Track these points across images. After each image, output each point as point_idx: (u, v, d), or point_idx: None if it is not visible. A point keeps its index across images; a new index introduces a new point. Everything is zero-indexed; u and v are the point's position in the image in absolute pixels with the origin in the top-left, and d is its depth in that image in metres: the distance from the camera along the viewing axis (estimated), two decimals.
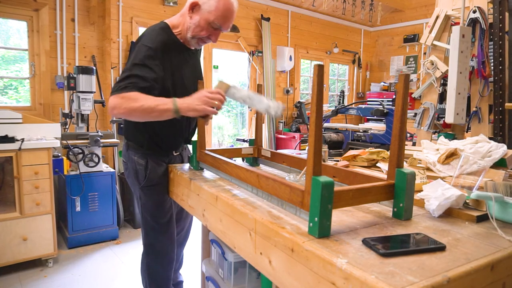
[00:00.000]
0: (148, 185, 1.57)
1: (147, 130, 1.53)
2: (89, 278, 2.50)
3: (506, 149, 1.30)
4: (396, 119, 0.89)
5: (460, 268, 0.66)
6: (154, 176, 1.57)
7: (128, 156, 1.60)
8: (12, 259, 2.47)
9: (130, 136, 1.60)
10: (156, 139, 1.56)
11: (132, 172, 1.59)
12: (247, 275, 1.50)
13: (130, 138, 1.60)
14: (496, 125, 2.01)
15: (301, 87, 5.75)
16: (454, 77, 1.93)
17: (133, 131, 1.58)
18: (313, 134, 0.76)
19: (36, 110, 3.41)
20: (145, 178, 1.56)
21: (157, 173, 1.57)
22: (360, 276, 0.63)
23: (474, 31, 2.03)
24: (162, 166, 1.59)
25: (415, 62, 5.82)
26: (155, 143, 1.56)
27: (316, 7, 5.31)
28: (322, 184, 0.75)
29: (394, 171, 0.91)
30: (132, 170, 1.58)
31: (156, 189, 1.59)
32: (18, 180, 2.46)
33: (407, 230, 0.85)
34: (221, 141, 5.42)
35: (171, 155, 1.64)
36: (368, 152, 1.56)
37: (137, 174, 1.57)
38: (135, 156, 1.57)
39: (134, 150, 1.57)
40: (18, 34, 3.44)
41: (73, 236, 2.94)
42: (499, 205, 0.91)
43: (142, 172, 1.56)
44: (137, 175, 1.57)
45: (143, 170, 1.56)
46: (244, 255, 1.02)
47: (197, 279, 2.14)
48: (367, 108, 2.53)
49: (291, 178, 1.20)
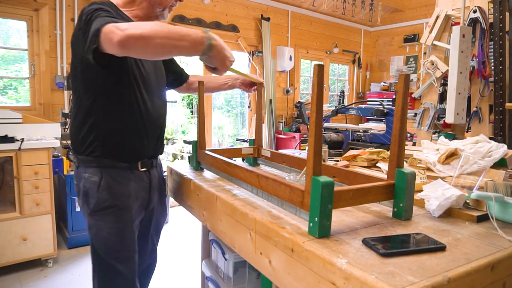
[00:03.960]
0: (100, 209, 1.20)
1: (101, 127, 1.18)
2: (89, 278, 2.49)
3: (507, 149, 1.29)
4: (396, 119, 0.89)
5: (460, 268, 0.66)
6: (109, 196, 1.20)
7: (78, 175, 1.24)
8: (12, 259, 2.47)
9: (78, 142, 1.22)
10: (113, 140, 1.21)
11: (82, 195, 1.22)
12: (247, 275, 1.49)
13: (79, 146, 1.22)
14: (497, 125, 2.01)
15: (301, 87, 5.74)
16: (454, 77, 1.93)
17: (81, 133, 1.20)
18: (313, 134, 0.76)
19: (36, 110, 3.41)
20: (96, 199, 1.20)
21: (114, 192, 1.20)
22: (360, 276, 0.63)
23: (474, 31, 2.03)
24: (121, 185, 1.23)
25: (415, 62, 5.82)
26: (112, 146, 1.21)
27: (316, 7, 5.30)
28: (322, 184, 0.75)
29: (394, 171, 0.91)
30: (82, 193, 1.22)
31: (111, 214, 1.21)
32: (18, 180, 2.46)
33: (407, 230, 0.84)
34: (221, 141, 5.42)
35: (136, 170, 1.27)
36: (368, 152, 1.56)
37: (86, 196, 1.21)
38: (86, 173, 1.21)
39: (85, 165, 1.22)
40: (18, 34, 3.44)
41: (73, 236, 2.94)
42: (500, 205, 0.91)
43: (93, 191, 1.20)
44: (86, 198, 1.21)
45: (95, 189, 1.19)
46: (244, 255, 1.02)
47: (197, 279, 2.14)
48: (367, 108, 2.53)
49: (291, 178, 1.20)
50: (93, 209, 1.21)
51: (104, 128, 1.19)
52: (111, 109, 1.19)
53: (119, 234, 1.23)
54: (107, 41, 0.95)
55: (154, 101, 1.31)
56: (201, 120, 1.45)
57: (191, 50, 1.02)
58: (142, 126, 1.25)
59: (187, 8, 4.30)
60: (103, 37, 0.95)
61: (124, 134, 1.22)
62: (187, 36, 0.98)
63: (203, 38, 1.01)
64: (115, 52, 0.96)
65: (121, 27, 0.92)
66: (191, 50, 1.02)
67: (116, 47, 0.93)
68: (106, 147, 1.20)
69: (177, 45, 0.98)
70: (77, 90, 1.20)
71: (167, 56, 1.07)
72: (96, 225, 1.23)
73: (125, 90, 1.20)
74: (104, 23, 0.96)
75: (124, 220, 1.24)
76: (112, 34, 0.92)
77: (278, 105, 5.31)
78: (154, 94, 1.32)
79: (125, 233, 1.25)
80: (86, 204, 1.22)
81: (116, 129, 1.20)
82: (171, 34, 0.96)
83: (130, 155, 1.26)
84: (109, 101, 1.18)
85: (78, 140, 1.22)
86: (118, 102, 1.19)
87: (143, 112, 1.24)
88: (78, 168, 1.24)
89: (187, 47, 1.00)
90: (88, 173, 1.21)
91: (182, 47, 0.99)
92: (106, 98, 1.18)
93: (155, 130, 1.32)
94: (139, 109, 1.23)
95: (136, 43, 0.93)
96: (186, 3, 4.32)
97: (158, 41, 0.95)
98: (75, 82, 1.21)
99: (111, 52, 0.97)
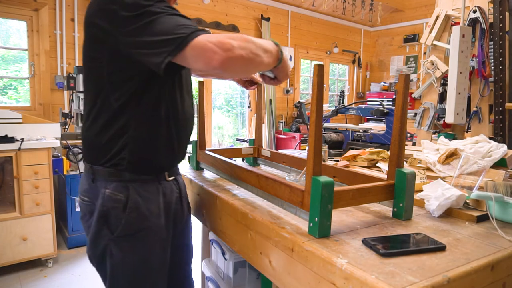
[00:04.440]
0: (127, 234, 0.98)
1: (132, 134, 0.97)
2: (89, 278, 2.50)
3: (506, 149, 1.30)
4: (396, 119, 0.89)
5: (460, 268, 0.66)
6: (138, 218, 0.99)
7: (94, 191, 1.00)
8: (12, 259, 2.47)
9: (99, 150, 0.99)
10: (144, 149, 1.00)
11: (99, 216, 0.98)
12: (247, 275, 1.49)
13: (99, 155, 0.99)
14: (496, 125, 2.01)
15: (301, 87, 5.75)
16: (454, 77, 1.93)
17: (102, 140, 0.98)
18: (313, 134, 0.76)
19: (36, 110, 3.41)
20: (123, 223, 0.97)
21: (143, 212, 0.99)
22: (360, 276, 0.63)
23: (474, 31, 2.03)
24: (150, 202, 1.01)
25: (415, 62, 5.82)
26: (142, 157, 1.00)
27: (316, 7, 5.30)
28: (322, 184, 0.75)
29: (394, 171, 0.91)
30: (99, 213, 0.98)
31: (141, 239, 1.00)
32: (18, 180, 2.46)
33: (407, 230, 0.84)
34: (221, 141, 5.42)
35: (163, 181, 1.07)
36: (368, 152, 1.56)
37: (106, 218, 0.98)
38: (107, 189, 0.98)
39: (105, 179, 0.99)
40: (18, 34, 3.44)
41: (73, 236, 2.94)
42: (499, 205, 0.91)
43: (117, 212, 0.97)
44: (106, 220, 0.98)
45: (120, 209, 0.97)
46: (244, 255, 1.02)
47: (197, 279, 2.13)
48: (367, 108, 2.53)
49: (291, 178, 1.20)
50: (118, 234, 0.98)
51: (134, 135, 0.97)
52: (144, 111, 0.98)
53: (149, 263, 1.03)
54: (201, 58, 0.81)
55: (186, 98, 1.10)
56: (201, 120, 1.45)
57: (271, 65, 0.94)
58: (176, 131, 1.05)
59: (187, 8, 4.30)
60: (195, 53, 0.80)
61: (156, 142, 1.01)
62: (269, 51, 0.91)
63: (278, 52, 0.95)
64: (206, 70, 0.84)
65: (223, 45, 0.80)
66: (271, 65, 0.94)
67: (216, 68, 0.80)
68: (135, 158, 0.98)
69: (264, 62, 0.90)
70: (99, 88, 0.96)
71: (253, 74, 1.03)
72: (121, 254, 0.99)
73: (164, 89, 1.00)
74: (190, 32, 0.81)
75: (155, 245, 1.04)
76: (213, 54, 0.79)
77: (278, 105, 5.31)
78: (184, 89, 1.10)
79: (156, 261, 1.05)
80: (106, 227, 0.98)
81: (148, 136, 0.99)
82: (260, 50, 0.87)
83: (159, 165, 1.05)
84: (143, 103, 0.97)
85: (99, 148, 0.99)
86: (153, 104, 0.99)
87: (179, 113, 1.05)
88: (94, 181, 1.00)
89: (270, 64, 0.93)
90: (110, 189, 0.98)
91: (267, 64, 0.92)
92: (141, 99, 0.97)
93: (187, 134, 1.13)
94: (174, 110, 1.04)
95: (237, 64, 0.83)
96: (186, 3, 4.32)
97: (256, 61, 0.87)
98: (96, 78, 0.97)
99: (197, 68, 0.84)
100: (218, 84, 5.09)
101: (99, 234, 1.00)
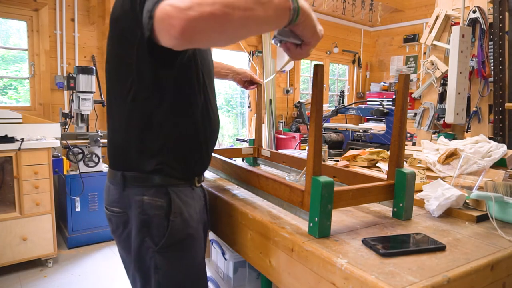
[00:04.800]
0: (173, 243, 0.91)
1: (168, 136, 0.90)
2: (89, 278, 2.50)
3: (506, 149, 1.30)
4: (396, 119, 0.89)
5: (460, 268, 0.66)
6: (183, 224, 0.91)
7: (125, 200, 0.91)
8: (12, 259, 2.47)
9: (130, 157, 0.90)
10: (181, 152, 0.92)
11: (139, 226, 0.89)
12: (247, 275, 1.49)
13: (130, 163, 0.91)
14: (496, 125, 2.01)
15: (301, 87, 5.75)
16: (454, 77, 1.93)
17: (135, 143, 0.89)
18: (313, 134, 0.76)
19: (36, 110, 3.41)
20: (167, 230, 0.89)
21: (186, 218, 0.92)
22: (360, 276, 0.63)
23: (474, 31, 2.03)
24: (190, 207, 0.94)
25: (415, 62, 5.82)
26: (179, 158, 0.92)
27: (316, 7, 5.30)
28: (322, 184, 0.75)
29: (394, 171, 0.91)
30: (139, 223, 0.89)
31: (187, 247, 0.94)
32: (18, 180, 2.46)
33: (407, 230, 0.85)
34: (221, 141, 5.42)
35: (194, 186, 0.98)
36: (368, 152, 1.56)
37: (148, 228, 0.89)
38: (145, 195, 0.89)
39: (142, 185, 0.90)
40: (18, 34, 3.44)
41: (73, 236, 2.94)
42: (499, 205, 0.91)
43: (159, 220, 0.89)
44: (149, 230, 0.89)
45: (163, 216, 0.89)
46: (244, 255, 1.02)
47: None
48: (367, 108, 2.53)
49: (291, 178, 1.21)
50: (163, 244, 0.89)
51: (171, 137, 0.90)
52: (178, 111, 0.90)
53: (196, 273, 0.98)
54: (163, 31, 0.64)
55: (212, 100, 1.01)
56: None
57: (276, 20, 0.69)
58: (208, 132, 0.98)
59: None
60: (158, 25, 0.64)
61: (191, 144, 0.94)
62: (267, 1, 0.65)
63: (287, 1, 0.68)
64: (174, 45, 0.65)
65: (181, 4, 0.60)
66: (276, 20, 0.69)
67: (178, 38, 0.62)
68: (172, 161, 0.91)
69: (259, 17, 0.65)
70: (126, 86, 0.87)
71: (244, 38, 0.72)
72: (167, 265, 0.91)
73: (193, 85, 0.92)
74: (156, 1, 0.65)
75: (200, 254, 0.98)
76: (170, 20, 0.61)
77: (278, 105, 5.31)
78: (212, 89, 1.02)
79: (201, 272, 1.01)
80: (149, 238, 0.89)
81: (185, 137, 0.92)
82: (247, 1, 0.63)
83: (192, 169, 0.97)
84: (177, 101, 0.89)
85: (132, 152, 0.90)
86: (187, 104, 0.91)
87: (209, 113, 0.97)
88: (126, 189, 0.90)
89: (273, 19, 0.68)
90: (148, 196, 0.89)
91: (264, 20, 0.66)
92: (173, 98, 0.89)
93: (216, 135, 1.04)
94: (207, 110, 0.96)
95: (205, 28, 0.61)
96: None
97: (240, 17, 0.62)
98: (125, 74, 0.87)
99: (168, 45, 0.66)
100: (218, 84, 5.10)
101: (142, 247, 0.91)
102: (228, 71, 1.45)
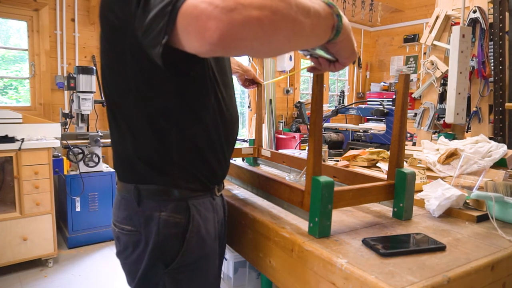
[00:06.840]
0: (186, 264, 0.81)
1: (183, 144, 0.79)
2: (89, 278, 2.50)
3: (506, 149, 1.30)
4: (396, 119, 0.89)
5: (460, 268, 0.66)
6: (199, 244, 0.82)
7: (140, 217, 0.79)
8: (12, 259, 2.47)
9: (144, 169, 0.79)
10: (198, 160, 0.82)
11: (152, 248, 0.78)
12: (247, 275, 1.49)
13: (144, 175, 0.80)
14: (496, 125, 2.01)
15: (301, 87, 5.75)
16: (454, 77, 1.93)
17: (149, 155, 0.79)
18: (313, 134, 0.76)
19: (36, 110, 3.41)
20: (181, 252, 0.79)
21: (203, 236, 0.82)
22: (360, 276, 0.63)
23: (474, 31, 2.03)
24: (208, 222, 0.84)
25: (415, 62, 5.82)
26: (198, 165, 0.82)
27: None
28: (322, 184, 0.75)
29: (394, 171, 0.91)
30: (154, 244, 0.78)
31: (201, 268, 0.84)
32: (18, 180, 2.46)
33: (407, 230, 0.85)
34: None
35: (215, 196, 0.89)
36: (368, 152, 1.56)
37: (162, 250, 0.79)
38: (163, 211, 0.78)
39: (157, 199, 0.79)
40: (18, 34, 3.44)
41: (73, 236, 2.94)
42: (499, 205, 0.91)
43: (175, 241, 0.79)
44: (162, 251, 0.79)
45: (179, 236, 0.79)
46: (244, 255, 1.02)
47: None
48: (367, 108, 2.53)
49: (291, 178, 1.21)
50: (174, 266, 0.80)
51: (182, 146, 0.79)
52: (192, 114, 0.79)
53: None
54: (191, 31, 0.50)
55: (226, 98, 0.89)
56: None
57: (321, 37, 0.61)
58: (225, 135, 0.87)
59: None
60: (185, 22, 0.51)
61: (208, 149, 0.83)
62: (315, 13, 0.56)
63: (332, 16, 0.60)
64: (204, 51, 0.52)
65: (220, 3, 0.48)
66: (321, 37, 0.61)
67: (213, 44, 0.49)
68: (190, 169, 0.81)
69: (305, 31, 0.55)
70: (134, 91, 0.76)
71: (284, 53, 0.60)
72: (179, 285, 0.82)
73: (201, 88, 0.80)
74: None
75: (213, 273, 0.89)
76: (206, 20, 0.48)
77: (278, 105, 5.31)
78: (228, 85, 0.91)
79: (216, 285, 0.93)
80: (161, 261, 0.79)
81: (200, 144, 0.81)
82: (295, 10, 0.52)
83: (211, 177, 0.86)
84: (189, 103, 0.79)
85: (146, 163, 0.79)
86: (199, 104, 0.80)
87: (223, 112, 0.85)
88: (141, 204, 0.79)
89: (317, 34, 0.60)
90: (167, 212, 0.78)
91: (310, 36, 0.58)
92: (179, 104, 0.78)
93: (234, 138, 0.94)
94: (217, 110, 0.84)
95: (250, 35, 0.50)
96: None
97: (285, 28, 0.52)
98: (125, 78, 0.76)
99: (195, 50, 0.53)
100: None
101: (151, 270, 0.80)
102: (238, 67, 1.37)
